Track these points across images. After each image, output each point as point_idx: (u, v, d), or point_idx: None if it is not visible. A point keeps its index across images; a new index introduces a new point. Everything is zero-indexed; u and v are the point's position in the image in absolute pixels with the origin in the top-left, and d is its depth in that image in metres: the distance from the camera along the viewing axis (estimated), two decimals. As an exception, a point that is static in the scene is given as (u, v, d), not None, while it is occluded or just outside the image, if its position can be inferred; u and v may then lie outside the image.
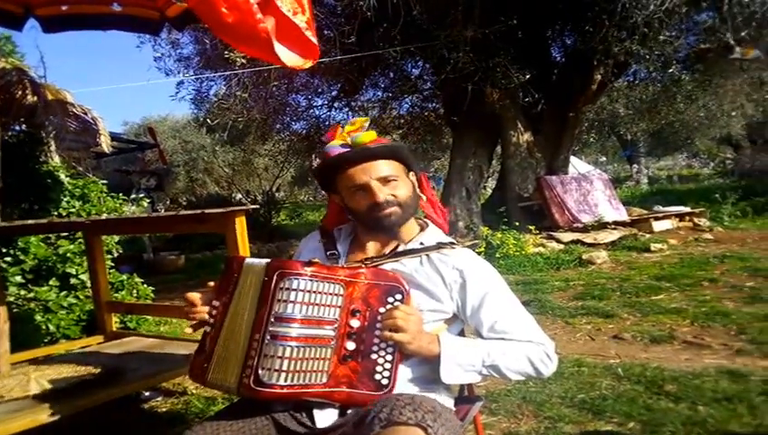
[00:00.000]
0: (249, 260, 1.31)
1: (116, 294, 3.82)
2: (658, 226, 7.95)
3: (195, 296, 1.37)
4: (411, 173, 1.49)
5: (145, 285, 4.12)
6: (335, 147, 1.43)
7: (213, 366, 1.26)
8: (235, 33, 2.01)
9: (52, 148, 4.23)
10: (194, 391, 2.90)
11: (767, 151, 16.64)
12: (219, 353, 1.26)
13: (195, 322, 1.36)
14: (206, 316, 1.33)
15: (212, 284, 1.38)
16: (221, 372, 1.24)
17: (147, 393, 2.82)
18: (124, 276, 4.06)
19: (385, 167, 1.40)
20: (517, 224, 7.36)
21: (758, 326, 3.34)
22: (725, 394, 2.36)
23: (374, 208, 1.39)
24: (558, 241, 7.17)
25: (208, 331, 1.31)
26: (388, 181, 1.40)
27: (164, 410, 2.76)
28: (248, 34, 1.97)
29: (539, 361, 1.30)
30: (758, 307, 3.80)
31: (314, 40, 2.17)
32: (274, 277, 1.20)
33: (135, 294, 4.01)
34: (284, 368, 1.15)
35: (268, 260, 1.28)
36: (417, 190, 1.50)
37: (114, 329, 3.04)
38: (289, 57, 2.13)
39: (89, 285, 3.61)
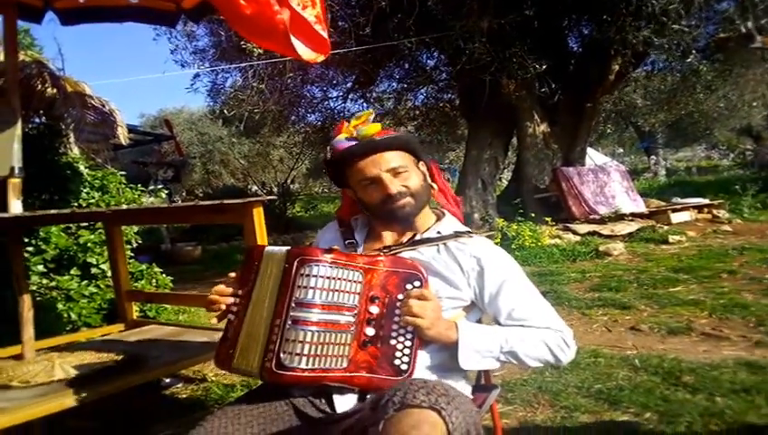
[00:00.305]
0: (269, 248, 1.33)
1: (135, 284, 3.88)
2: (677, 217, 7.86)
3: (224, 288, 1.37)
4: (421, 163, 1.49)
5: (164, 275, 4.18)
6: (341, 141, 1.43)
7: (237, 353, 1.28)
8: (253, 24, 2.02)
9: (71, 140, 4.29)
10: (213, 378, 2.94)
11: (788, 142, 16.32)
12: (243, 340, 1.28)
13: (219, 312, 1.37)
14: (230, 306, 1.34)
15: (233, 274, 1.39)
16: (244, 357, 1.26)
17: (167, 380, 2.87)
18: (143, 266, 4.12)
19: (394, 158, 1.41)
20: (533, 215, 7.33)
21: (777, 318, 3.30)
22: (744, 385, 2.33)
23: (387, 201, 1.40)
24: (574, 233, 7.13)
25: (232, 319, 1.33)
26: (399, 173, 1.40)
27: (184, 396, 2.81)
28: (266, 26, 1.99)
29: (557, 347, 1.31)
30: (777, 299, 3.76)
31: (324, 34, 2.18)
32: (295, 264, 1.22)
33: (154, 284, 4.07)
34: (305, 352, 1.17)
35: (288, 248, 1.29)
36: (429, 180, 1.50)
37: (134, 318, 3.09)
38: (303, 51, 2.15)
39: (109, 274, 3.67)
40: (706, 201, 8.80)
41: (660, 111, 11.58)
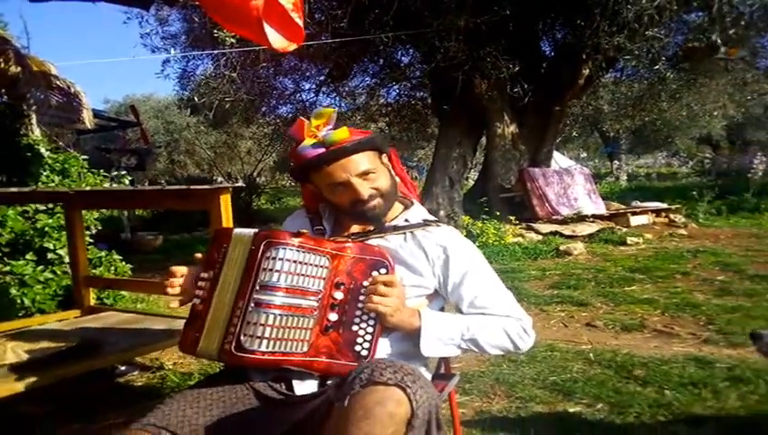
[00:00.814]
0: (238, 230, 1.31)
1: (94, 271, 3.79)
2: (635, 220, 8.09)
3: (179, 268, 1.36)
4: (384, 156, 1.49)
5: (123, 263, 4.09)
6: (308, 148, 1.37)
7: (203, 337, 1.26)
8: (227, 10, 2.00)
9: (33, 121, 4.16)
10: (170, 367, 2.90)
11: (745, 152, 16.96)
12: (209, 324, 1.26)
13: (177, 296, 1.35)
14: (197, 289, 1.32)
15: (199, 255, 1.37)
16: (207, 340, 1.25)
17: (122, 368, 2.81)
18: (102, 253, 4.03)
19: (362, 161, 1.38)
20: (498, 214, 7.45)
21: (726, 317, 3.45)
22: (691, 379, 2.44)
23: (357, 204, 1.39)
24: (537, 232, 7.28)
25: (197, 303, 1.30)
26: (368, 175, 1.39)
27: (139, 384, 2.76)
28: (240, 12, 1.97)
29: (516, 335, 1.34)
30: (727, 300, 3.92)
31: (300, 22, 2.17)
32: (262, 246, 1.21)
33: (113, 271, 3.98)
34: (266, 335, 1.16)
35: (256, 230, 1.28)
36: (393, 173, 1.51)
37: (91, 304, 3.02)
38: (275, 38, 2.13)
39: (66, 260, 3.59)
40: (664, 206, 9.07)
41: (625, 118, 11.85)
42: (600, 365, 2.70)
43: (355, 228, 1.47)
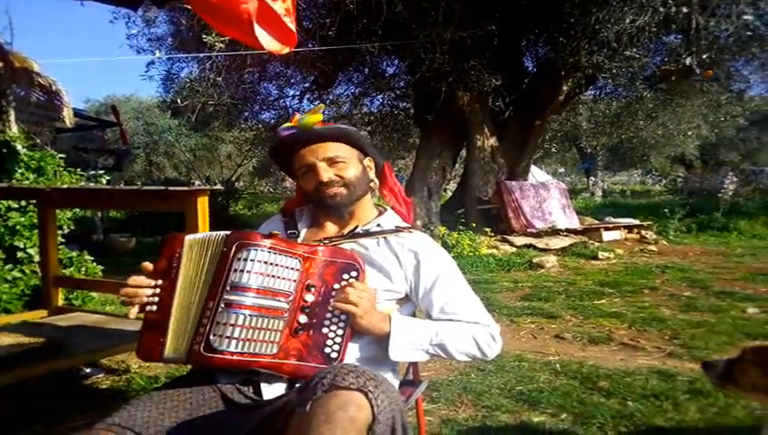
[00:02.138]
0: (191, 236, 1.32)
1: (64, 271, 3.74)
2: (608, 236, 8.25)
3: (141, 279, 1.33)
4: (368, 158, 1.53)
5: (94, 264, 4.04)
6: (284, 129, 1.47)
7: (168, 342, 1.25)
8: (218, 12, 2.03)
9: (12, 117, 4.09)
10: (137, 370, 2.87)
11: (717, 172, 17.41)
12: (174, 328, 1.25)
13: (137, 305, 1.32)
14: (150, 296, 1.30)
15: (148, 264, 1.34)
16: (174, 344, 1.24)
17: (88, 370, 2.77)
18: (74, 253, 3.97)
19: (334, 148, 1.44)
20: (474, 225, 7.53)
21: (690, 332, 3.53)
22: (654, 391, 2.50)
23: (319, 188, 1.43)
24: (511, 244, 7.37)
25: (153, 310, 1.29)
26: (336, 162, 1.44)
27: (105, 386, 2.72)
28: (230, 14, 1.99)
29: (484, 342, 1.37)
30: (692, 315, 4.03)
31: (292, 27, 2.21)
32: (233, 248, 1.22)
33: (84, 272, 3.93)
34: (236, 335, 1.17)
35: (228, 232, 1.28)
36: (370, 174, 1.54)
37: (59, 305, 2.98)
38: (268, 42, 2.16)
39: (36, 259, 3.53)
40: (636, 222, 9.26)
41: (603, 135, 12.08)
42: (566, 376, 2.75)
43: (329, 231, 1.49)
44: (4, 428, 2.20)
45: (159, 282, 1.30)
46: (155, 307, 1.29)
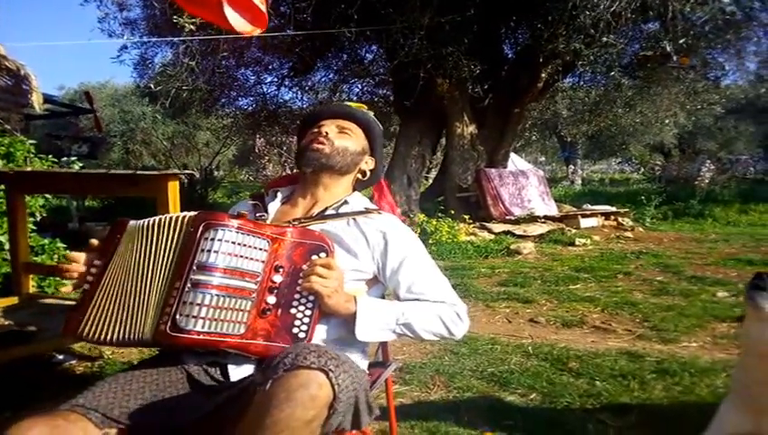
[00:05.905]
0: (134, 222, 1.34)
1: (36, 258, 3.68)
2: (585, 223, 8.35)
3: (77, 255, 1.35)
4: (371, 159, 1.60)
5: (68, 251, 3.97)
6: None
7: (86, 321, 1.25)
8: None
9: (-24, 103, 3.98)
10: (109, 356, 2.85)
11: (694, 160, 17.69)
12: (94, 310, 1.25)
13: (74, 280, 1.34)
14: (87, 275, 1.32)
15: (95, 241, 1.37)
16: (130, 325, 1.23)
17: (60, 356, 2.74)
18: (46, 241, 3.92)
19: (349, 125, 1.54)
20: (453, 213, 7.57)
21: (661, 315, 3.62)
22: (621, 372, 2.57)
23: (313, 139, 1.50)
24: (490, 231, 7.44)
25: (87, 289, 1.29)
26: (343, 131, 1.53)
27: (78, 372, 2.71)
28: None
29: (450, 321, 1.38)
30: (663, 299, 4.12)
31: (263, 8, 2.19)
32: (200, 228, 1.22)
33: (56, 260, 3.87)
34: (203, 315, 1.16)
35: (196, 212, 1.28)
36: (363, 166, 1.59)
37: (30, 292, 2.94)
38: (237, 22, 2.14)
39: (6, 247, 3.47)
40: (613, 209, 9.40)
41: (582, 123, 12.18)
42: (538, 358, 2.80)
43: (298, 212, 1.50)
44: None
45: (98, 262, 1.31)
46: (87, 286, 1.30)
